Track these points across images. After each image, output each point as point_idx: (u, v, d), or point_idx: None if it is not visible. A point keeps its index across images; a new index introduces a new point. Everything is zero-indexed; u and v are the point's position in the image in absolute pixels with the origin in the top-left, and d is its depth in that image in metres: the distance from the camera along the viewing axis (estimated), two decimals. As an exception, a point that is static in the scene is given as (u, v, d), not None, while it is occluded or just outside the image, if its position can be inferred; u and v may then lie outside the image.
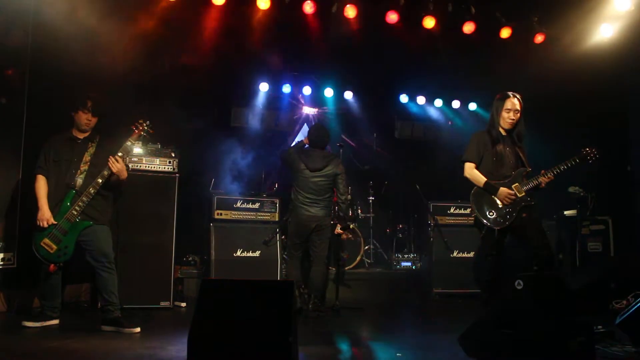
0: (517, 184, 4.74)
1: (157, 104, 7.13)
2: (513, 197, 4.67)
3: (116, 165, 4.68)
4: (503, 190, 4.70)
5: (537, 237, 4.68)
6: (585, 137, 7.58)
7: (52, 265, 4.63)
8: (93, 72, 5.81)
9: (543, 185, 4.72)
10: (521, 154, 4.86)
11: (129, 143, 4.85)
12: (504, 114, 4.82)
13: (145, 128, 4.94)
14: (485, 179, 4.79)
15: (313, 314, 5.45)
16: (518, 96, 4.86)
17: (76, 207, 4.61)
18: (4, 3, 5.33)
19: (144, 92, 6.75)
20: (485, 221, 4.77)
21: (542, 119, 8.00)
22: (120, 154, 4.73)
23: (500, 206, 4.72)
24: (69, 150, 4.80)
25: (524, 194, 4.70)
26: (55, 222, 4.59)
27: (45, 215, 4.58)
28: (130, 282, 5.40)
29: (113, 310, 4.68)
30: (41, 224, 4.56)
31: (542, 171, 4.75)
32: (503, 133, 4.88)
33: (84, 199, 4.63)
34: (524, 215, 4.69)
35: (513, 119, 4.81)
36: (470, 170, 4.88)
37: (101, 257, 4.71)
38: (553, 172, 4.72)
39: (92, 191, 4.64)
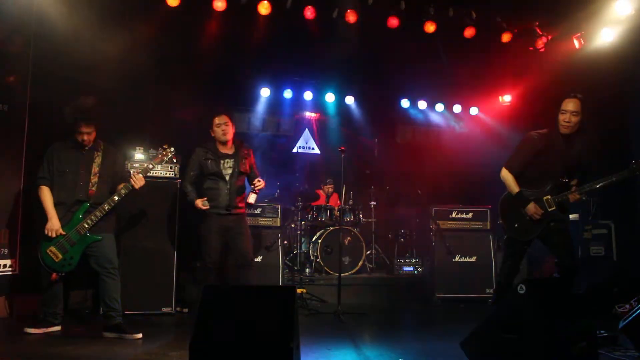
0: (549, 196, 4.49)
1: (158, 109, 7.17)
2: (541, 213, 4.46)
3: (139, 183, 4.73)
4: (532, 206, 4.48)
5: (563, 246, 4.50)
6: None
7: (54, 274, 4.63)
8: (95, 78, 5.83)
9: (571, 201, 4.47)
10: (576, 162, 4.55)
11: (151, 166, 4.94)
12: (560, 117, 4.48)
13: (169, 154, 5.03)
14: (519, 189, 4.55)
15: None
16: (580, 96, 4.47)
17: (88, 221, 4.63)
18: (5, 10, 5.35)
19: (146, 98, 6.77)
20: (509, 231, 4.66)
21: (543, 123, 8.02)
22: (141, 175, 4.76)
23: (527, 219, 4.52)
24: (74, 159, 4.78)
25: (554, 207, 4.46)
26: (64, 233, 4.60)
27: (55, 226, 4.58)
28: (132, 288, 5.40)
29: (115, 316, 4.68)
30: (50, 234, 4.56)
31: (573, 187, 4.54)
32: (563, 137, 4.51)
33: (98, 214, 4.64)
34: (552, 224, 4.49)
35: (568, 123, 4.44)
36: (507, 175, 4.62)
37: (106, 263, 4.71)
38: (585, 190, 4.44)
39: (107, 208, 4.67)
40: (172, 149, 5.04)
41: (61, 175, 4.72)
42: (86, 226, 4.62)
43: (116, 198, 4.68)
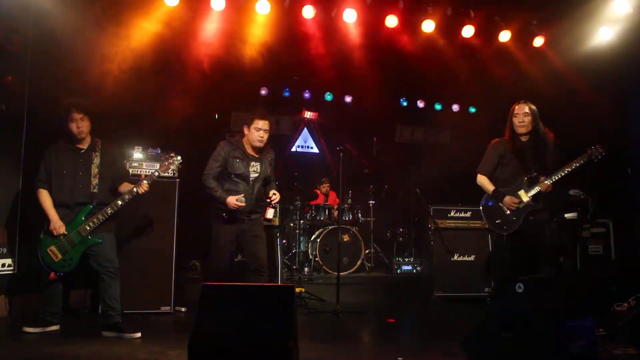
0: (522, 190, 4.90)
1: (157, 108, 7.17)
2: (517, 204, 4.87)
3: (144, 189, 4.70)
4: (507, 198, 4.92)
5: (543, 239, 4.86)
6: (584, 139, 7.60)
7: (52, 274, 4.63)
8: (93, 78, 5.83)
9: (544, 191, 4.83)
10: (541, 158, 4.94)
11: (157, 173, 4.85)
12: (514, 120, 4.99)
13: (176, 162, 4.98)
14: (494, 188, 5.05)
15: None
16: (529, 102, 5.02)
17: (90, 223, 4.62)
18: (4, 10, 5.34)
19: (145, 97, 6.77)
20: (492, 227, 5.11)
21: (542, 121, 8.02)
22: (146, 181, 4.73)
23: (507, 213, 4.93)
24: (73, 161, 4.77)
25: (528, 199, 4.85)
26: (66, 233, 4.60)
27: (57, 225, 4.58)
28: (130, 287, 5.38)
29: (114, 315, 4.68)
30: (55, 232, 4.57)
31: (542, 178, 4.88)
32: (522, 139, 5.00)
33: (100, 217, 4.64)
34: (531, 218, 4.87)
35: (522, 122, 4.94)
36: (481, 178, 5.17)
37: (106, 262, 4.71)
38: (552, 179, 4.82)
39: (110, 211, 4.66)
40: (179, 158, 4.98)
41: (59, 177, 4.71)
42: (88, 228, 4.62)
43: (120, 203, 4.68)
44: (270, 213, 5.05)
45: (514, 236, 4.96)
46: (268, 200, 5.01)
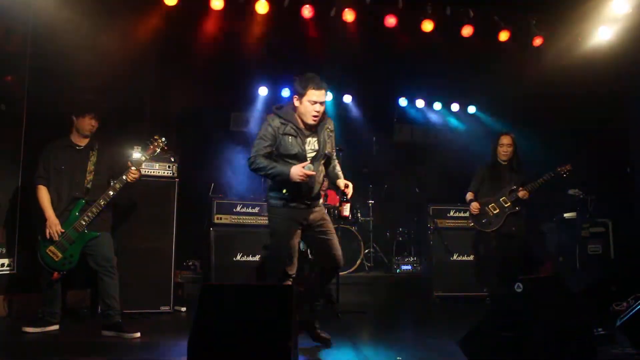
0: (504, 197, 6.09)
1: (156, 108, 7.16)
2: (477, 209, 6.17)
3: (134, 176, 4.71)
4: (473, 204, 6.22)
5: (516, 249, 6.08)
6: (584, 139, 7.61)
7: (55, 273, 4.63)
8: (92, 77, 5.82)
9: (523, 198, 5.95)
10: (517, 178, 6.08)
11: (143, 158, 4.85)
12: (499, 149, 6.18)
13: (161, 145, 4.95)
14: (470, 198, 6.30)
15: None
16: (511, 134, 6.20)
17: (85, 218, 4.63)
18: (2, 9, 5.34)
19: (144, 95, 6.77)
20: (478, 226, 6.28)
21: (541, 121, 8.04)
22: (133, 168, 4.73)
23: (490, 214, 6.13)
24: (70, 158, 4.79)
25: (509, 204, 6.05)
26: (63, 231, 4.60)
27: (54, 224, 4.58)
28: (130, 287, 5.38)
29: (114, 315, 4.67)
30: (51, 232, 4.56)
31: (520, 188, 5.98)
32: (502, 163, 6.20)
33: (94, 209, 4.64)
34: (513, 228, 6.04)
35: (505, 153, 6.14)
36: (467, 194, 6.35)
37: (104, 262, 4.71)
38: (529, 189, 5.95)
39: (103, 203, 4.66)
40: (164, 139, 4.95)
41: (58, 174, 4.73)
42: (83, 223, 4.62)
43: (111, 193, 4.68)
44: (347, 209, 4.27)
45: (502, 239, 6.08)
46: (344, 196, 4.27)
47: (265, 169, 4.04)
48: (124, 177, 4.68)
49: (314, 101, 4.08)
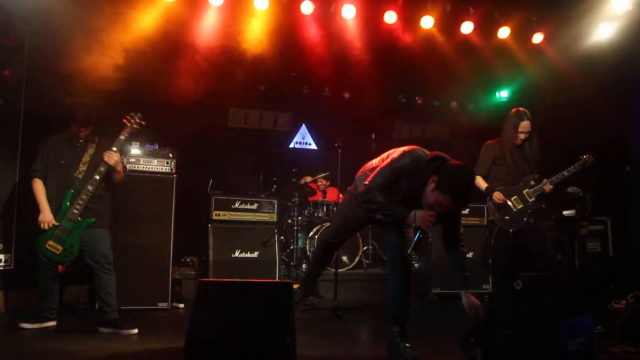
0: (527, 189, 5.41)
1: (155, 104, 7.13)
2: (502, 200, 5.41)
3: (112, 157, 4.67)
4: (496, 193, 5.45)
5: (538, 244, 5.49)
6: (584, 137, 7.59)
7: (60, 267, 4.61)
8: (91, 72, 5.79)
9: (547, 192, 5.40)
10: (532, 161, 5.46)
11: (122, 137, 4.81)
12: (518, 135, 5.40)
13: (138, 120, 4.88)
14: (487, 185, 5.54)
15: None
16: (530, 117, 5.39)
17: (76, 206, 4.60)
18: (0, 3, 5.31)
19: (142, 92, 6.73)
20: (500, 224, 5.47)
21: (541, 119, 8.01)
22: (114, 148, 4.71)
23: (514, 209, 5.41)
24: (68, 151, 4.79)
25: (534, 199, 5.39)
26: (57, 224, 4.58)
27: (47, 217, 4.56)
28: (127, 283, 5.38)
29: (111, 311, 4.67)
30: (42, 226, 4.54)
31: (545, 180, 5.40)
32: (517, 146, 5.45)
33: (84, 197, 4.62)
34: (531, 220, 5.39)
35: (523, 139, 5.42)
36: (477, 179, 5.47)
37: (100, 258, 4.70)
38: (554, 182, 5.39)
39: (91, 188, 4.63)
40: (139, 114, 4.89)
41: (56, 168, 4.72)
42: (76, 212, 4.60)
43: (97, 177, 4.65)
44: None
45: (518, 234, 5.40)
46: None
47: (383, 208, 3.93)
48: (105, 159, 4.66)
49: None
